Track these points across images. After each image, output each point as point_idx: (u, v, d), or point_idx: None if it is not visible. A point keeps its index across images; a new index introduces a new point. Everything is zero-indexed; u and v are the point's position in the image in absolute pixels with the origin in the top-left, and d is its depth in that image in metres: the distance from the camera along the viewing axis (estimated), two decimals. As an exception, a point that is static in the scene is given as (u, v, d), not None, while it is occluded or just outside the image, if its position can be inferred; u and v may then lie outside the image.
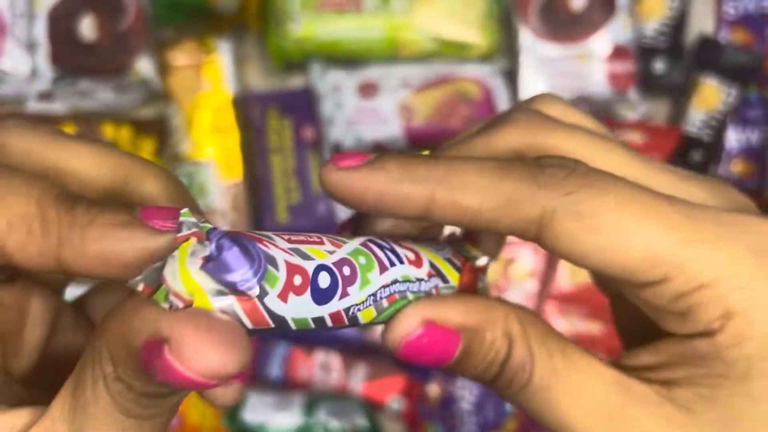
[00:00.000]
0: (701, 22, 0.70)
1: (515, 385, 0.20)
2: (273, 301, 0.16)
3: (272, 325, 0.17)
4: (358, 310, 0.18)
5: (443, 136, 0.63)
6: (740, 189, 0.60)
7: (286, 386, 0.67)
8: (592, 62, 0.62)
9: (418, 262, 0.20)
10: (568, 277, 0.67)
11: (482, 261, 0.22)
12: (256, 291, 0.16)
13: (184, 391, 0.18)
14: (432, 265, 0.20)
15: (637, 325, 0.21)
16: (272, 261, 0.17)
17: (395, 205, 0.18)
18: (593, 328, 0.67)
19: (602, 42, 0.62)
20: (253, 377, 0.68)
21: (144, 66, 0.62)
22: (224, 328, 0.16)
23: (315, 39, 0.62)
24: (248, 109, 0.67)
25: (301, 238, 0.18)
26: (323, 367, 0.67)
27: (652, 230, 0.18)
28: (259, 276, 0.16)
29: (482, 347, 0.19)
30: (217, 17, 0.65)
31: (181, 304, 0.16)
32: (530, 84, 0.63)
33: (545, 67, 0.63)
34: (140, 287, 0.16)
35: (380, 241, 0.20)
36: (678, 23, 0.67)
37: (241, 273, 0.16)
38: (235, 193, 0.63)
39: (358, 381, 0.67)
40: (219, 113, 0.64)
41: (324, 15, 0.62)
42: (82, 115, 0.66)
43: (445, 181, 0.18)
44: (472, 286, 0.22)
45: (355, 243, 0.19)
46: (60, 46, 0.62)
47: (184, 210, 0.17)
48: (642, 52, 0.66)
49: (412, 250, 0.20)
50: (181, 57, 0.64)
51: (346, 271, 0.18)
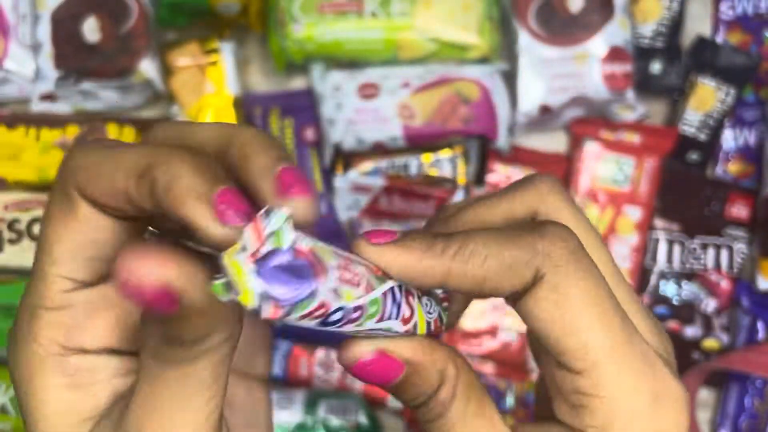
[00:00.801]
0: (698, 24, 0.70)
1: (431, 416, 0.23)
2: (291, 318, 0.19)
3: (275, 323, 0.19)
4: (340, 332, 0.21)
5: (442, 136, 0.63)
6: (737, 189, 0.61)
7: (287, 384, 0.68)
8: (589, 63, 0.62)
9: (407, 320, 0.22)
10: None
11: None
12: (284, 311, 0.18)
13: (211, 338, 0.20)
14: (414, 324, 0.23)
15: (547, 398, 0.25)
16: (312, 295, 0.19)
17: (418, 278, 0.22)
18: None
19: (600, 43, 0.62)
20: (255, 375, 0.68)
21: (147, 67, 0.62)
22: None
23: (316, 40, 0.62)
24: (250, 110, 0.67)
25: (348, 276, 0.20)
26: (324, 365, 0.68)
27: (598, 334, 0.22)
28: (296, 302, 0.18)
29: (419, 380, 0.22)
30: (219, 19, 0.65)
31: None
32: (528, 85, 0.63)
33: (543, 68, 0.63)
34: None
35: (397, 293, 0.22)
36: (675, 24, 0.67)
37: (283, 292, 0.18)
38: (237, 193, 0.64)
39: (359, 378, 0.67)
40: (221, 114, 0.64)
41: (325, 17, 0.62)
42: (86, 115, 0.66)
43: (458, 256, 0.21)
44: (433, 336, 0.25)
45: (379, 291, 0.21)
46: (63, 48, 0.63)
47: (262, 212, 0.18)
48: (639, 53, 0.66)
49: (411, 308, 0.22)
50: (183, 59, 0.64)
51: (356, 314, 0.20)
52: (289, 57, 0.64)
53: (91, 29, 0.62)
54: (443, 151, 0.64)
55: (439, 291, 0.25)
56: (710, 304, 0.68)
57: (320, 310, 0.19)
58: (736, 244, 0.68)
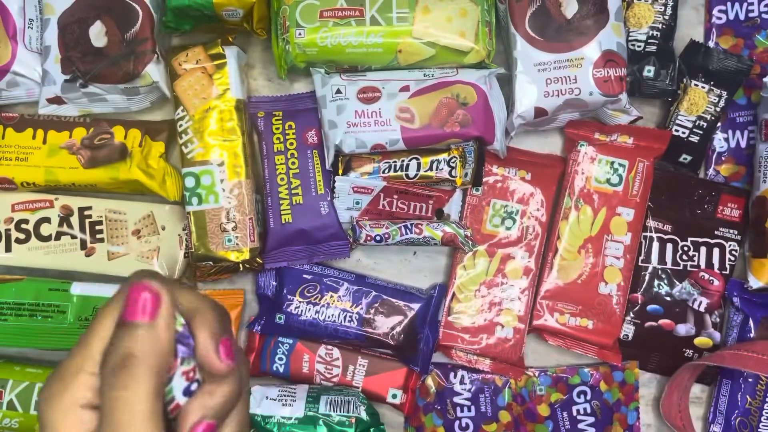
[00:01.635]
0: (690, 28, 0.71)
1: None
2: None
3: None
4: None
5: (440, 138, 0.63)
6: (728, 190, 0.63)
7: (290, 381, 0.69)
8: (583, 68, 0.63)
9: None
10: (557, 277, 0.68)
11: None
12: None
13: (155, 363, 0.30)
14: None
15: None
16: None
17: None
18: (586, 324, 0.68)
19: (593, 48, 0.63)
20: (259, 372, 0.69)
21: (152, 71, 0.62)
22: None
23: (318, 46, 0.63)
24: (253, 114, 0.67)
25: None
26: (326, 362, 0.68)
27: None
28: None
29: None
30: (223, 24, 0.65)
31: None
32: (524, 88, 0.63)
33: (538, 72, 0.63)
34: None
35: None
36: (668, 29, 0.67)
37: None
38: (240, 194, 0.64)
39: (359, 375, 0.68)
40: (225, 117, 0.64)
41: (327, 23, 0.63)
42: (92, 118, 0.67)
43: None
44: None
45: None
46: (70, 52, 0.63)
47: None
48: (633, 57, 0.66)
49: None
50: (188, 63, 0.64)
51: None
52: (292, 61, 0.64)
53: (97, 34, 0.62)
54: (441, 153, 0.65)
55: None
56: (702, 303, 0.69)
57: None
58: (728, 244, 0.69)
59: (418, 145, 0.63)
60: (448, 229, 0.64)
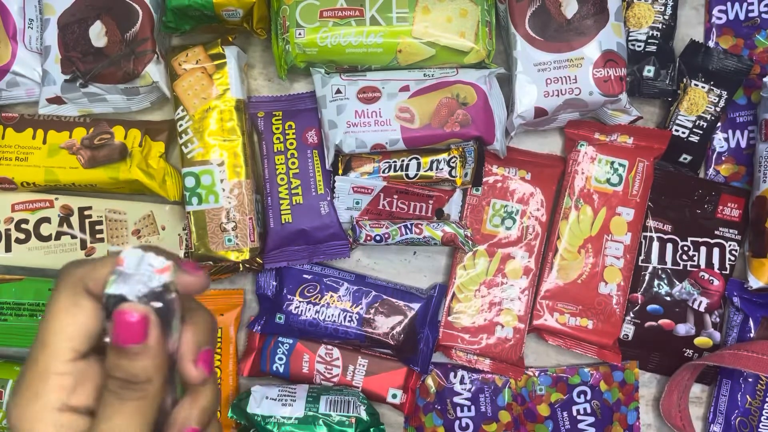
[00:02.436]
0: (690, 28, 0.71)
1: None
2: None
3: None
4: None
5: (441, 138, 0.63)
6: (728, 190, 0.63)
7: (290, 381, 0.69)
8: (583, 67, 0.63)
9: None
10: (557, 277, 0.68)
11: None
12: None
13: (153, 379, 0.29)
14: None
15: None
16: None
17: None
18: (586, 324, 0.68)
19: (593, 48, 0.63)
20: (259, 372, 0.69)
21: (152, 71, 0.62)
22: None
23: (318, 46, 0.63)
24: (253, 114, 0.67)
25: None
26: (326, 362, 0.69)
27: None
28: None
29: None
30: (223, 24, 0.65)
31: None
32: (524, 88, 0.63)
33: (538, 72, 0.63)
34: None
35: None
36: (668, 29, 0.67)
37: None
38: (240, 194, 0.64)
39: (359, 375, 0.68)
40: (225, 117, 0.64)
41: (327, 23, 0.63)
42: (92, 118, 0.67)
43: None
44: None
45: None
46: (70, 52, 0.63)
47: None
48: (633, 57, 0.66)
49: None
50: (188, 63, 0.64)
51: None
52: (292, 61, 0.64)
53: (97, 34, 0.62)
54: (441, 153, 0.65)
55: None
56: (702, 303, 0.69)
57: None
58: (728, 244, 0.69)
59: (418, 145, 0.63)
60: (448, 229, 0.64)
